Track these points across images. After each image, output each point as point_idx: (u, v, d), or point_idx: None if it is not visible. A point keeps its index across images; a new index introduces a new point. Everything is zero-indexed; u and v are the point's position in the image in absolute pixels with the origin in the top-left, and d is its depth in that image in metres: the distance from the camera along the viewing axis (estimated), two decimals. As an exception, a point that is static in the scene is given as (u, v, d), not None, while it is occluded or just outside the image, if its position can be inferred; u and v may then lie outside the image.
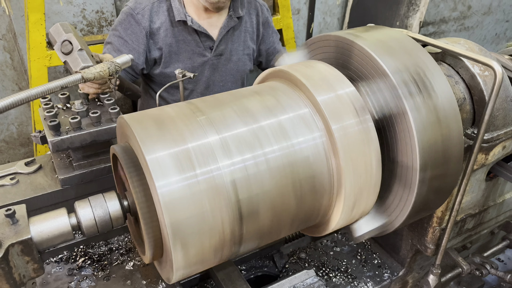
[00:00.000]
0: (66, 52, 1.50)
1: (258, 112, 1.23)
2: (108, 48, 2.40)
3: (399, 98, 1.23)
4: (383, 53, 1.29)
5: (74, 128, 1.49)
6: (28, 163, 1.70)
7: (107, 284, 1.44)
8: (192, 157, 1.09)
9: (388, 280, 1.85)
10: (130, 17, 2.37)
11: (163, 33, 2.40)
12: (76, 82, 1.14)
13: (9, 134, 3.85)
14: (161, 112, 1.21)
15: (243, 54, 2.67)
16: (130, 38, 2.36)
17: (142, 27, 2.36)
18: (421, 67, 1.30)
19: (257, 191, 1.15)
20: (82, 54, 1.48)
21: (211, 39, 2.51)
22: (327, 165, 1.23)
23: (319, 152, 1.22)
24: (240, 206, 1.13)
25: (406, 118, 1.23)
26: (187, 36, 2.45)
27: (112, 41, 2.40)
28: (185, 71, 1.48)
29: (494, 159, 1.61)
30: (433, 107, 1.26)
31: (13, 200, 1.51)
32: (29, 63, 3.02)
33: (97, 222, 1.18)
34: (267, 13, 2.78)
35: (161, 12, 2.41)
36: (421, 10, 4.69)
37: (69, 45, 1.49)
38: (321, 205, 1.28)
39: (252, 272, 1.91)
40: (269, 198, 1.17)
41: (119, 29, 2.39)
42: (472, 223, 1.86)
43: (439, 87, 1.29)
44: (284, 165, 1.18)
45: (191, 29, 2.44)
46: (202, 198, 1.07)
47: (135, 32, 2.36)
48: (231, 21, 2.53)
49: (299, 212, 1.25)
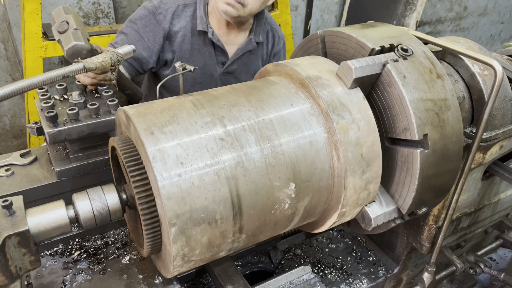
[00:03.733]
0: (61, 31, 1.47)
1: (259, 107, 1.22)
2: (121, 38, 2.36)
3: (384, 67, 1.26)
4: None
5: (71, 120, 1.47)
6: (24, 154, 1.67)
7: (103, 278, 1.42)
8: (193, 150, 1.08)
9: (383, 277, 1.86)
10: (152, 15, 2.34)
11: (180, 38, 2.38)
12: (78, 72, 1.12)
13: (2, 125, 3.81)
14: (162, 104, 1.20)
15: (252, 77, 2.66)
16: (147, 36, 2.33)
17: (161, 28, 2.33)
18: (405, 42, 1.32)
19: (257, 186, 1.14)
20: (75, 32, 1.45)
21: (226, 55, 2.49)
22: (328, 160, 1.23)
23: (320, 148, 1.22)
24: (240, 201, 1.12)
25: (394, 86, 1.25)
26: (203, 46, 2.43)
27: (128, 33, 2.36)
28: (185, 64, 1.47)
29: (491, 159, 1.62)
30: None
31: (8, 192, 1.49)
32: (24, 54, 2.98)
33: (96, 215, 1.17)
34: (282, 47, 2.78)
35: (183, 17, 2.38)
36: (418, 10, 4.71)
37: (65, 24, 1.47)
38: (322, 187, 1.27)
39: (248, 268, 1.91)
40: (265, 173, 1.16)
41: (138, 24, 2.35)
42: (467, 222, 1.87)
43: (419, 55, 1.31)
44: (285, 159, 1.17)
45: (209, 41, 2.42)
46: (202, 192, 1.06)
47: (154, 31, 2.33)
48: (250, 44, 2.52)
49: (299, 207, 1.24)
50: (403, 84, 1.24)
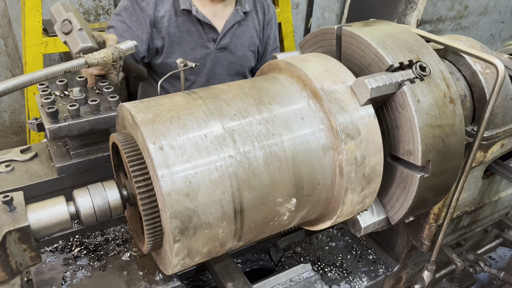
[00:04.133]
0: (66, 32, 1.46)
1: (260, 104, 1.22)
2: (111, 31, 2.36)
3: (400, 87, 1.24)
4: (384, 44, 1.29)
5: (72, 116, 1.47)
6: (24, 150, 1.67)
7: (103, 274, 1.42)
8: (195, 147, 1.07)
9: (383, 275, 1.86)
10: (135, 4, 2.34)
11: (166, 22, 2.38)
12: (80, 67, 1.12)
13: (1, 122, 3.80)
14: (163, 100, 1.20)
15: (248, 50, 2.65)
16: (134, 25, 2.33)
17: (146, 15, 2.33)
18: (424, 58, 1.31)
19: (258, 183, 1.14)
20: (81, 34, 1.45)
21: (215, 31, 2.49)
22: (329, 158, 1.23)
23: (321, 146, 1.22)
24: (241, 199, 1.12)
25: (407, 109, 1.23)
26: (191, 26, 2.43)
27: (116, 26, 2.36)
28: (186, 61, 1.46)
29: (492, 157, 1.62)
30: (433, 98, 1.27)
31: (8, 188, 1.48)
32: (24, 50, 2.97)
33: (96, 211, 1.17)
34: (272, 14, 2.77)
35: (166, 1, 2.38)
36: (418, 8, 4.70)
37: (68, 24, 1.46)
38: (321, 199, 1.28)
39: (248, 265, 1.91)
40: (269, 191, 1.16)
41: (123, 15, 2.35)
42: (468, 221, 1.87)
43: (436, 76, 1.30)
44: (286, 157, 1.17)
45: (195, 19, 2.41)
46: (203, 189, 1.06)
47: (140, 20, 2.33)
48: (237, 15, 2.52)
49: (300, 205, 1.24)
50: (416, 109, 1.23)
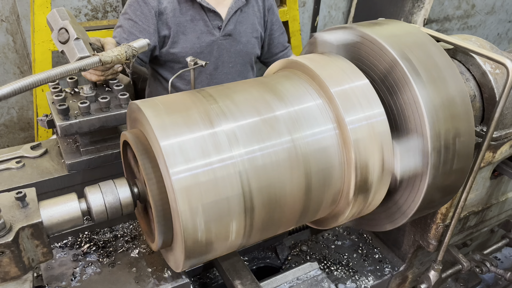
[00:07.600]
0: (62, 41, 1.46)
1: (272, 102, 1.22)
2: (118, 31, 2.38)
3: (411, 86, 1.24)
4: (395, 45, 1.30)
5: (83, 113, 1.48)
6: (34, 147, 1.68)
7: (112, 270, 1.43)
8: (206, 145, 1.08)
9: (389, 274, 1.86)
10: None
11: (170, 13, 2.39)
12: (94, 65, 1.13)
13: (9, 118, 3.82)
14: (174, 98, 1.21)
15: (252, 36, 2.66)
16: (140, 19, 2.35)
17: (150, 7, 2.35)
18: (434, 60, 1.31)
19: (269, 182, 1.15)
20: (78, 43, 1.44)
21: (220, 17, 2.50)
22: (339, 157, 1.23)
23: (332, 145, 1.22)
24: (251, 196, 1.13)
25: (418, 109, 1.24)
26: (195, 15, 2.44)
27: (123, 24, 2.38)
28: (196, 59, 1.47)
29: (500, 158, 1.62)
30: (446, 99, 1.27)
31: (19, 184, 1.49)
32: (33, 46, 2.99)
33: (107, 208, 1.18)
34: (272, 0, 2.78)
35: None
36: (425, 7, 4.67)
37: (65, 33, 1.45)
38: (331, 198, 1.28)
39: (255, 263, 1.92)
40: (280, 189, 1.17)
41: (128, 12, 2.38)
42: (475, 221, 1.87)
43: (451, 80, 1.30)
44: (297, 156, 1.18)
45: (198, 7, 2.43)
46: (214, 187, 1.07)
47: (144, 13, 2.35)
48: (238, 1, 2.54)
49: (309, 204, 1.25)
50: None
